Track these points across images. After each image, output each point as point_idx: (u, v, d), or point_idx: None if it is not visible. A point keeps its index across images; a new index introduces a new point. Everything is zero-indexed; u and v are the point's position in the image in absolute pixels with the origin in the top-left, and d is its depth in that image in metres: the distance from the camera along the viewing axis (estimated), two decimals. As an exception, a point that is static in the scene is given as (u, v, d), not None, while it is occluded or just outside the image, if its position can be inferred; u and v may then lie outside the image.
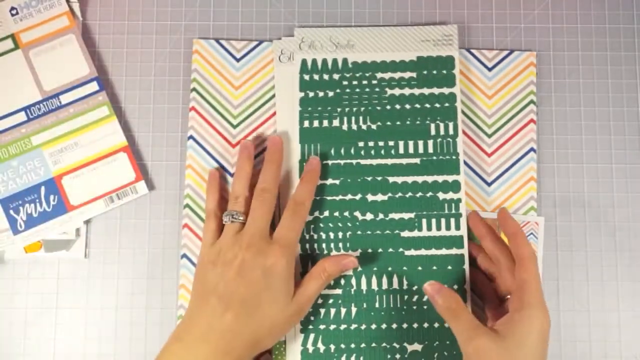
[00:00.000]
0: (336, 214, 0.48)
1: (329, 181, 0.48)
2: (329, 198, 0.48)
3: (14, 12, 0.52)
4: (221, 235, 0.47)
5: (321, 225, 0.48)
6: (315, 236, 0.48)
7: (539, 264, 0.52)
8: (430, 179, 0.48)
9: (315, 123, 0.48)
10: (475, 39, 0.54)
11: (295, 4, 0.54)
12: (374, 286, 0.47)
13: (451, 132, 0.49)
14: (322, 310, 0.47)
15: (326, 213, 0.48)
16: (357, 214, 0.48)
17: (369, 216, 0.48)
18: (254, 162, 0.50)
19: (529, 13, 0.55)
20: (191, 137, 0.52)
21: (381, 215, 0.48)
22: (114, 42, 0.54)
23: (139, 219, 0.52)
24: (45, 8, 0.52)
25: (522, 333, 0.39)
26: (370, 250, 0.47)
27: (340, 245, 0.47)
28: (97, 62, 0.53)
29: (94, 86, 0.52)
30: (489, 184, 0.52)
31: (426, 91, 0.49)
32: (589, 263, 0.52)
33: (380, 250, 0.47)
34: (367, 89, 0.49)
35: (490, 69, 0.53)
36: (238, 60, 0.53)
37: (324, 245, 0.48)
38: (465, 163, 0.52)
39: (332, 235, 0.48)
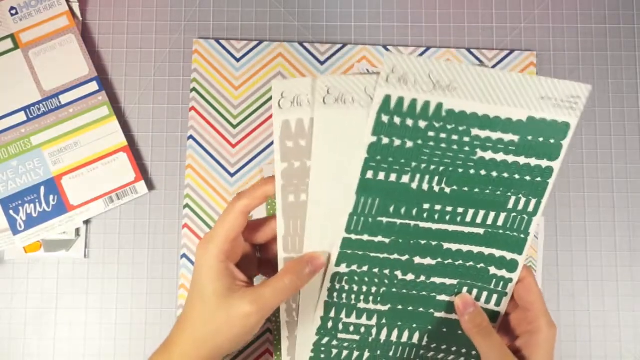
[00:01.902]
0: (375, 270, 0.41)
1: (378, 238, 0.40)
2: (372, 255, 0.41)
3: (13, 12, 0.52)
4: None
5: (355, 278, 0.41)
6: (347, 287, 0.41)
7: (539, 263, 0.52)
8: (487, 251, 0.41)
9: (381, 175, 0.39)
10: (475, 39, 0.54)
11: (295, 4, 0.54)
12: (394, 338, 0.43)
13: (531, 209, 0.40)
14: (334, 352, 0.44)
15: (365, 268, 0.41)
16: (398, 273, 0.41)
17: (410, 277, 0.42)
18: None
19: (529, 13, 0.55)
20: (191, 137, 0.52)
21: (423, 278, 0.42)
22: (114, 42, 0.54)
23: (139, 219, 0.52)
24: (45, 8, 0.52)
25: (545, 357, 0.39)
26: (400, 307, 0.42)
27: (371, 299, 0.42)
28: (97, 62, 0.53)
29: (94, 86, 0.52)
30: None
31: (522, 160, 0.39)
32: (589, 263, 0.52)
33: (410, 308, 0.43)
34: (455, 146, 0.39)
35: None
36: (238, 60, 0.53)
37: (352, 297, 0.42)
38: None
39: (364, 288, 0.42)
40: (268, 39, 0.54)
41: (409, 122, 0.38)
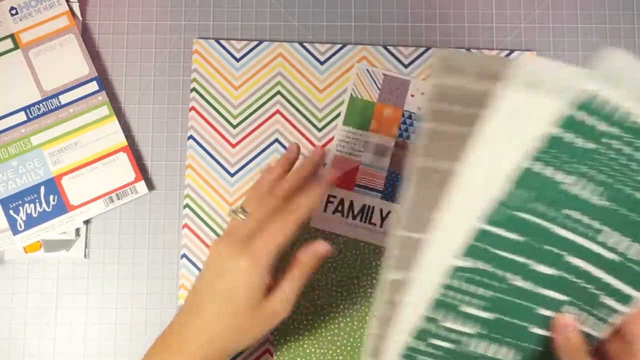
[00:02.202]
0: (498, 271, 0.37)
1: (514, 236, 0.36)
2: (502, 253, 0.37)
3: (13, 12, 0.52)
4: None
5: (475, 277, 0.37)
6: (463, 286, 0.37)
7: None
8: (608, 278, 0.38)
9: (548, 172, 0.36)
10: (475, 39, 0.54)
11: (295, 4, 0.54)
12: (489, 353, 0.40)
13: None
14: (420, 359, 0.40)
15: (488, 266, 0.37)
16: (517, 277, 0.38)
17: (521, 283, 0.38)
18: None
19: (529, 13, 0.55)
20: (191, 137, 0.52)
21: (532, 286, 0.38)
22: (114, 42, 0.54)
23: (138, 219, 0.52)
24: (45, 8, 0.52)
25: None
26: (503, 317, 0.39)
27: (480, 304, 0.38)
28: (97, 62, 0.53)
29: (94, 86, 0.52)
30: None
31: None
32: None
33: (511, 319, 0.39)
34: (633, 164, 0.36)
35: (490, 69, 0.53)
36: (238, 60, 0.53)
37: (463, 298, 0.38)
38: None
39: (478, 290, 0.38)
40: (268, 39, 0.54)
41: (601, 125, 0.34)
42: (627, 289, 0.38)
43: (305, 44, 0.53)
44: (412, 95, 0.52)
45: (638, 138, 0.34)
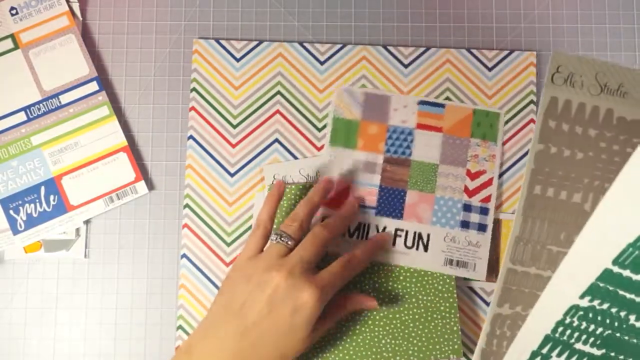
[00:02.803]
0: (614, 310, 0.35)
1: (636, 276, 0.33)
2: (621, 293, 0.34)
3: (13, 12, 0.52)
4: (263, 251, 0.45)
5: (590, 315, 0.35)
6: (576, 323, 0.35)
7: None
8: None
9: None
10: (475, 39, 0.54)
11: (295, 4, 0.54)
12: None
13: None
14: None
15: (605, 306, 0.34)
16: (632, 317, 0.35)
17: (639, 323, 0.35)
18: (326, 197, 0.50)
19: (529, 13, 0.55)
20: (191, 137, 0.52)
21: None
22: (114, 42, 0.54)
23: (139, 219, 0.52)
24: (45, 8, 0.52)
25: None
26: (612, 354, 0.37)
27: (591, 340, 0.36)
28: (97, 62, 0.53)
29: (94, 86, 0.52)
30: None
31: None
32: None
33: (621, 357, 0.37)
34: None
35: (490, 69, 0.53)
36: (238, 60, 0.53)
37: (575, 335, 0.36)
38: (466, 163, 0.52)
39: (591, 327, 0.35)
40: (268, 39, 0.54)
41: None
42: None
43: (305, 44, 0.53)
44: (395, 110, 0.52)
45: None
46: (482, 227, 0.50)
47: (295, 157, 0.52)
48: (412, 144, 0.52)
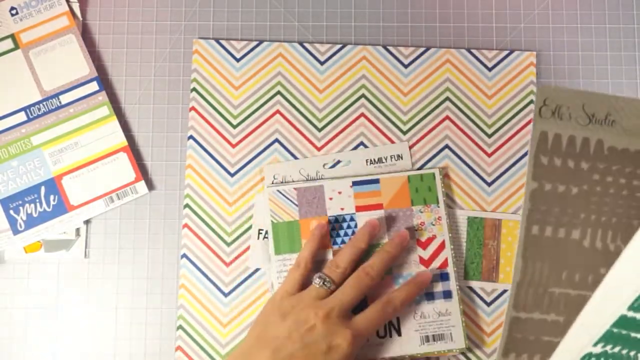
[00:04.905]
0: (627, 352, 0.33)
1: (630, 313, 0.32)
2: (635, 336, 0.33)
3: (14, 12, 0.52)
4: (304, 290, 0.46)
5: (600, 358, 0.34)
6: None
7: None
8: None
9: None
10: (475, 39, 0.54)
11: (295, 4, 0.54)
12: None
13: None
14: None
15: (617, 349, 0.33)
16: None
17: None
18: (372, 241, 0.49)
19: (529, 13, 0.55)
20: (191, 137, 0.52)
21: None
22: (114, 42, 0.54)
23: (139, 219, 0.52)
24: (45, 8, 0.52)
25: None
26: None
27: None
28: (97, 62, 0.53)
29: (94, 86, 0.52)
30: (489, 184, 0.51)
31: None
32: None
33: None
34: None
35: (490, 69, 0.53)
36: (238, 60, 0.53)
37: None
38: (465, 163, 0.52)
39: None
40: (268, 39, 0.54)
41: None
42: None
43: (305, 44, 0.53)
44: (331, 199, 0.51)
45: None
46: (447, 294, 0.49)
47: (295, 157, 0.52)
48: (356, 229, 0.50)
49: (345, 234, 0.50)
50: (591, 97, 0.32)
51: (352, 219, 0.50)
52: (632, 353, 0.34)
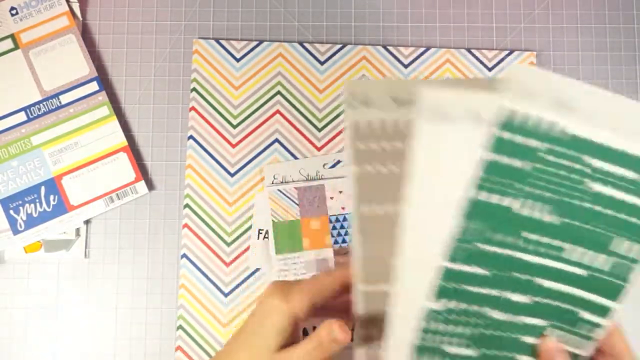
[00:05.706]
0: (473, 308, 0.37)
1: (476, 270, 0.36)
2: (471, 289, 0.36)
3: (14, 12, 0.52)
4: None
5: (450, 317, 0.37)
6: (440, 328, 0.37)
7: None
8: (580, 293, 0.37)
9: (494, 199, 0.35)
10: (475, 39, 0.54)
11: (295, 4, 0.54)
12: None
13: (635, 255, 0.37)
14: None
15: (462, 305, 0.36)
16: (493, 311, 0.37)
17: (498, 315, 0.37)
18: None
19: (529, 13, 0.55)
20: (191, 137, 0.52)
21: (510, 317, 0.38)
22: (114, 42, 0.54)
23: (139, 219, 0.52)
24: (45, 8, 0.52)
25: None
26: (488, 352, 0.39)
27: (463, 342, 0.38)
28: (97, 62, 0.53)
29: (94, 86, 0.52)
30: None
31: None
32: None
33: (497, 352, 0.39)
34: (573, 175, 0.35)
35: (490, 69, 0.53)
36: (238, 60, 0.53)
37: (445, 340, 0.37)
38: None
39: (458, 329, 0.37)
40: (268, 39, 0.54)
41: (531, 142, 0.34)
42: (602, 300, 0.37)
43: (305, 44, 0.53)
44: (332, 198, 0.51)
45: (570, 148, 0.34)
46: None
47: (295, 157, 0.52)
48: None
49: (346, 234, 0.50)
50: (393, 83, 0.36)
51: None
52: (482, 309, 0.36)
